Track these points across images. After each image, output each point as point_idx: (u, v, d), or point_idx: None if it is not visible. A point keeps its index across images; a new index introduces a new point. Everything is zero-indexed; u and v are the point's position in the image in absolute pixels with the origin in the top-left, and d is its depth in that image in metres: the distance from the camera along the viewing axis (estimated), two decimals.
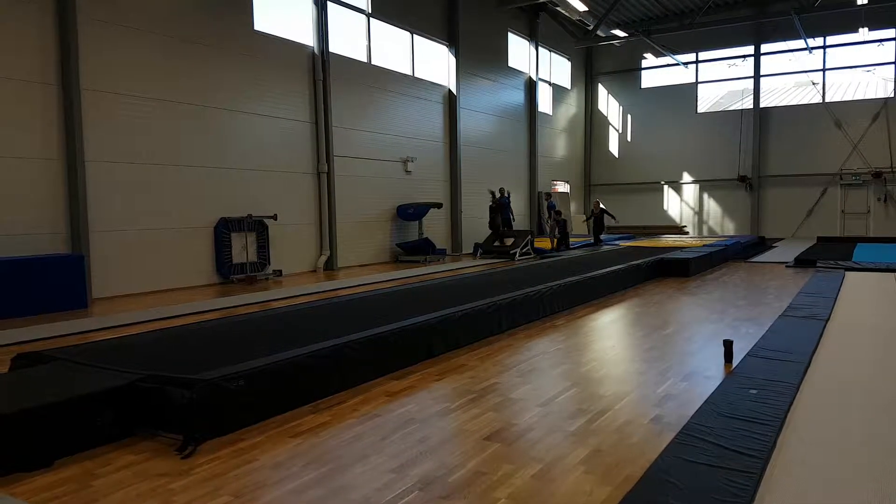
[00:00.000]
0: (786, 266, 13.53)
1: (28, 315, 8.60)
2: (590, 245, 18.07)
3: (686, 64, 24.36)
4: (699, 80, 24.57)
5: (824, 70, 22.35)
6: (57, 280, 8.95)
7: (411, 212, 16.45)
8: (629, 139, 26.13)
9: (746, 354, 5.38)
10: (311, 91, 14.06)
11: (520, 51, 22.00)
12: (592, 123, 26.98)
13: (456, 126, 18.51)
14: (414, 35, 17.21)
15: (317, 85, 14.06)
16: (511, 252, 16.21)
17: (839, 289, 9.29)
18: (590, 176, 27.05)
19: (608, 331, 7.06)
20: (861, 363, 5.21)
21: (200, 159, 11.78)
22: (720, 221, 24.40)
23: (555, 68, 24.43)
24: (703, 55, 24.27)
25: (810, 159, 22.48)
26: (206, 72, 11.81)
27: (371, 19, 15.66)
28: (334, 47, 14.49)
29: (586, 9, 21.24)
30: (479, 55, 19.64)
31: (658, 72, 25.45)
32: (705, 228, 24.71)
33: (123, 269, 10.59)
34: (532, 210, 22.98)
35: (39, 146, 9.51)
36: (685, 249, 14.75)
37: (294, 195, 13.74)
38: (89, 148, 10.03)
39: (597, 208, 19.08)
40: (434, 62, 18.09)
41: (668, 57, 23.60)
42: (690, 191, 25.01)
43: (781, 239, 21.83)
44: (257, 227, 12.71)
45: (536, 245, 17.34)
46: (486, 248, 16.92)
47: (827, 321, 6.83)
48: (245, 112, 12.58)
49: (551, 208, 18.59)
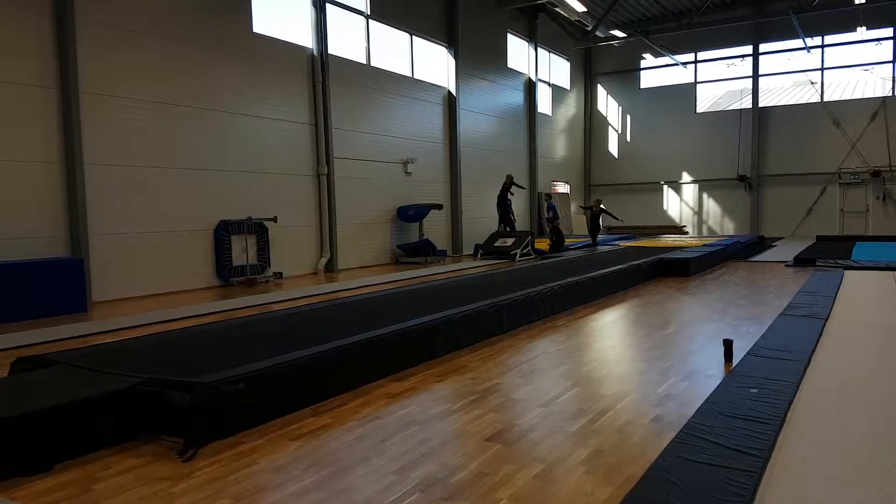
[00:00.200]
0: (785, 265, 13.53)
1: (28, 319, 8.59)
2: (587, 246, 18.05)
3: (685, 64, 24.38)
4: (698, 80, 24.59)
5: (823, 69, 22.37)
6: (57, 283, 8.95)
7: (411, 213, 16.45)
8: (628, 139, 26.15)
9: (746, 353, 5.38)
10: (311, 93, 14.06)
11: (519, 52, 22.02)
12: (592, 124, 26.99)
13: (456, 127, 18.52)
14: (413, 36, 17.22)
15: (316, 87, 14.07)
16: (511, 253, 16.21)
17: (838, 287, 9.29)
18: (589, 176, 27.06)
19: (609, 331, 7.06)
20: (860, 362, 5.21)
21: (200, 162, 11.78)
22: (720, 221, 24.41)
23: (554, 69, 24.45)
24: (702, 55, 24.29)
25: (809, 158, 22.50)
26: (206, 74, 11.82)
27: (370, 21, 15.67)
28: (333, 49, 14.50)
29: (585, 9, 21.27)
30: (479, 56, 19.65)
31: (657, 72, 25.47)
32: (705, 228, 24.72)
33: (123, 273, 10.59)
34: (532, 210, 22.99)
35: (38, 149, 9.51)
36: (685, 249, 14.75)
37: (294, 197, 13.74)
38: (88, 151, 10.04)
39: (597, 206, 19.03)
40: (433, 63, 18.10)
41: (667, 57, 23.61)
42: (690, 190, 25.02)
43: (781, 238, 21.84)
44: (257, 230, 12.70)
45: (537, 246, 17.34)
46: (487, 249, 16.92)
47: (826, 320, 6.83)
48: (244, 114, 12.59)
49: (551, 209, 18.57)
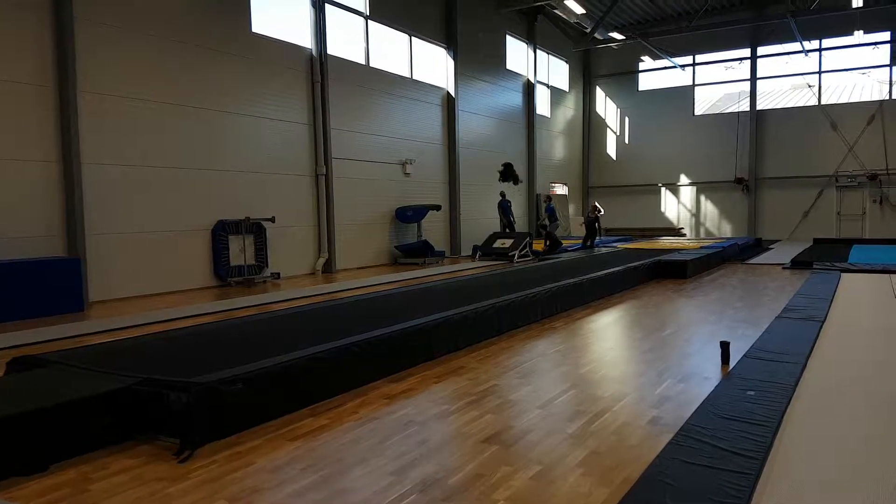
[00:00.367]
0: (782, 268, 13.56)
1: (24, 318, 8.57)
2: (580, 249, 17.91)
3: (683, 66, 24.43)
4: (696, 83, 24.65)
5: (820, 72, 22.44)
6: (54, 283, 8.93)
7: (410, 214, 16.46)
8: (627, 141, 26.19)
9: (743, 356, 5.39)
10: (310, 93, 14.06)
11: (518, 53, 22.05)
12: (590, 126, 27.02)
13: (454, 128, 18.53)
14: (412, 37, 17.23)
15: (315, 87, 14.07)
16: (510, 254, 16.22)
17: (835, 290, 9.31)
18: (588, 178, 27.10)
19: (606, 332, 7.07)
20: (857, 364, 5.23)
21: (198, 161, 11.77)
22: (717, 223, 24.45)
23: (553, 71, 24.49)
24: (700, 58, 24.35)
25: (806, 161, 22.55)
26: (204, 74, 11.81)
27: (369, 21, 15.68)
28: (332, 49, 14.50)
29: (584, 12, 21.31)
30: (478, 58, 19.67)
31: (655, 74, 25.53)
32: (702, 230, 24.76)
33: (121, 272, 10.57)
34: (530, 212, 23.01)
35: (36, 149, 9.49)
36: (682, 251, 14.78)
37: (292, 197, 13.73)
38: (86, 150, 10.02)
39: (594, 213, 18.93)
40: (432, 64, 18.11)
41: (666, 59, 23.67)
42: (688, 193, 25.06)
43: (778, 240, 21.89)
44: (255, 230, 12.69)
45: (535, 248, 17.34)
46: (485, 251, 16.93)
47: (823, 322, 6.84)
48: (243, 114, 12.58)
49: (549, 211, 18.59)
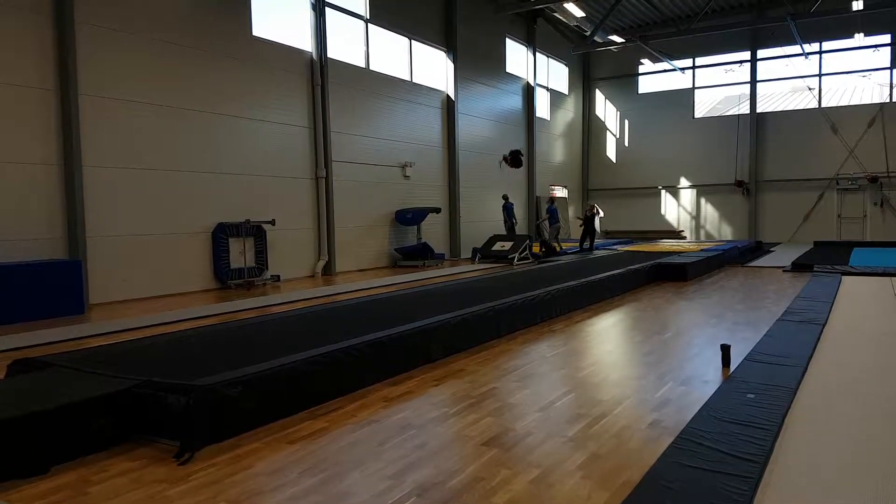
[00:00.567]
0: (783, 270, 13.55)
1: (25, 321, 8.57)
2: (578, 251, 17.85)
3: (683, 69, 24.46)
4: (696, 86, 24.67)
5: (820, 75, 22.46)
6: (54, 285, 8.93)
7: (410, 216, 16.46)
8: (627, 144, 26.20)
9: (744, 359, 5.38)
10: (310, 96, 14.08)
11: (517, 56, 22.07)
12: (590, 128, 27.04)
13: (454, 131, 18.55)
14: (412, 41, 17.25)
15: (315, 90, 14.09)
16: (509, 257, 16.22)
17: (836, 293, 9.31)
18: (587, 181, 27.11)
19: (606, 335, 7.06)
20: (858, 367, 5.22)
21: (198, 164, 11.78)
22: (717, 226, 24.45)
23: (552, 74, 24.51)
24: (700, 60, 24.38)
25: (807, 164, 22.56)
26: (205, 77, 11.83)
27: (369, 25, 15.71)
28: (332, 53, 14.53)
29: (584, 15, 21.35)
30: (477, 61, 19.70)
31: (655, 77, 25.55)
32: (703, 233, 24.76)
33: (121, 275, 10.57)
34: (530, 214, 23.01)
35: (37, 151, 9.51)
36: (683, 254, 14.77)
37: (292, 200, 13.74)
38: (87, 153, 10.03)
39: (590, 211, 18.92)
40: (432, 67, 18.14)
41: (666, 62, 23.69)
42: (688, 195, 25.06)
43: (778, 243, 21.88)
44: (255, 232, 12.69)
45: (535, 250, 17.33)
46: (485, 253, 16.93)
47: (824, 325, 6.84)
48: (243, 117, 12.60)
49: (550, 213, 18.64)
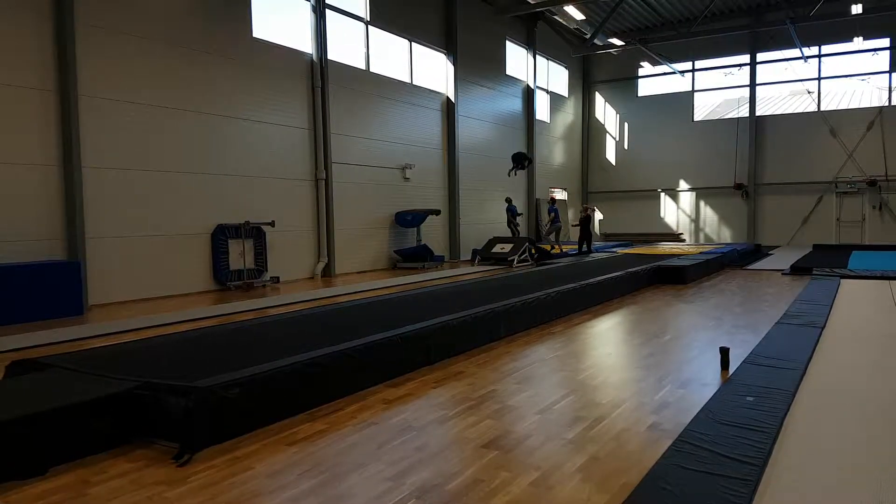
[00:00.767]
0: (782, 273, 13.56)
1: (24, 321, 8.57)
2: (577, 254, 17.81)
3: (682, 72, 24.49)
4: (695, 89, 24.71)
5: (819, 79, 22.50)
6: (53, 286, 8.93)
7: (409, 218, 16.46)
8: (626, 147, 26.23)
9: (743, 362, 5.38)
10: (310, 98, 14.09)
11: (517, 59, 22.10)
12: (590, 131, 27.07)
13: (454, 133, 18.56)
14: (412, 43, 17.28)
15: (315, 92, 14.10)
16: (509, 259, 16.23)
17: (835, 296, 9.31)
18: (587, 183, 27.13)
19: (606, 338, 7.06)
20: (857, 370, 5.23)
21: (198, 166, 11.79)
22: (717, 229, 24.47)
23: (552, 76, 24.54)
24: (700, 64, 24.42)
25: (806, 167, 22.59)
26: (205, 78, 11.83)
27: (369, 27, 15.73)
28: (333, 54, 14.54)
29: (584, 18, 21.39)
30: (477, 63, 19.72)
31: (655, 80, 25.59)
32: (702, 236, 24.77)
33: (120, 276, 10.57)
34: (530, 216, 23.02)
35: (37, 152, 9.51)
36: (682, 257, 14.78)
37: (292, 202, 13.74)
38: (87, 154, 10.04)
39: (584, 213, 18.94)
40: (432, 70, 18.16)
41: (665, 65, 23.72)
42: (687, 198, 25.08)
43: (777, 246, 21.90)
44: (255, 234, 12.70)
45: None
46: (485, 255, 16.94)
47: (823, 328, 6.84)
48: (243, 118, 12.61)
49: (552, 212, 18.71)
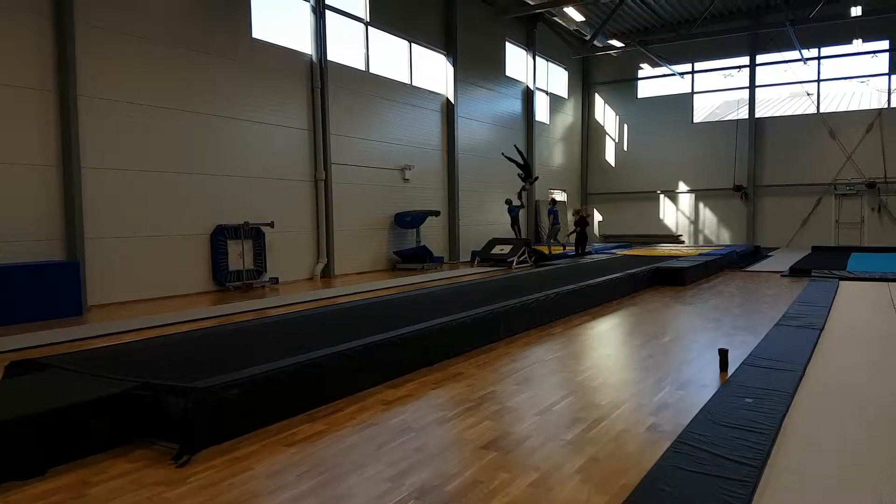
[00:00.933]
0: (781, 275, 13.57)
1: (23, 322, 8.56)
2: (573, 256, 17.81)
3: (682, 74, 24.52)
4: (695, 91, 24.73)
5: (819, 81, 22.52)
6: (52, 287, 8.92)
7: (409, 219, 16.46)
8: (625, 148, 26.25)
9: (742, 363, 5.39)
10: (309, 98, 14.10)
11: (517, 60, 22.12)
12: (589, 132, 27.09)
13: (453, 134, 18.57)
14: (412, 44, 17.29)
15: (314, 92, 14.10)
16: (508, 260, 16.23)
17: (834, 298, 9.32)
18: (586, 185, 27.14)
19: (605, 339, 7.07)
20: (855, 372, 5.23)
21: (197, 166, 11.78)
22: (716, 230, 24.49)
23: (552, 78, 24.56)
24: (699, 65, 24.44)
25: (805, 169, 22.61)
26: (204, 79, 11.84)
27: (369, 28, 15.74)
28: (332, 55, 14.55)
29: (583, 19, 21.40)
30: (477, 64, 19.74)
31: (654, 82, 25.61)
32: (701, 237, 24.79)
33: (119, 276, 10.56)
34: (529, 217, 23.03)
35: (36, 153, 9.50)
36: (681, 258, 14.79)
37: (291, 202, 13.74)
38: (86, 154, 10.03)
39: (576, 214, 18.95)
40: (432, 71, 18.17)
41: (665, 67, 23.74)
42: (686, 200, 25.10)
43: (776, 248, 21.92)
44: (254, 235, 12.69)
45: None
46: (484, 256, 16.94)
47: (822, 330, 6.85)
48: (243, 119, 12.61)
49: (552, 213, 18.74)
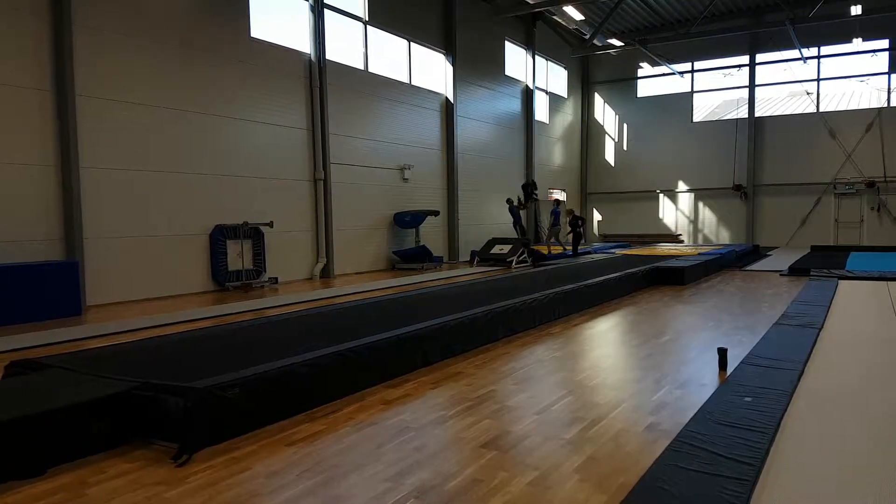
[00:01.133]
0: (780, 275, 13.58)
1: (22, 322, 8.56)
2: (568, 256, 17.83)
3: (682, 73, 24.52)
4: (695, 90, 24.73)
5: (819, 80, 22.53)
6: (51, 287, 8.92)
7: (408, 219, 16.46)
8: (625, 148, 26.25)
9: (741, 362, 5.39)
10: (308, 98, 14.09)
11: (517, 59, 22.12)
12: (589, 132, 27.09)
13: (453, 134, 18.57)
14: (411, 43, 17.28)
15: (314, 92, 14.10)
16: (507, 260, 16.24)
17: (833, 297, 9.33)
18: (586, 184, 27.15)
19: (604, 339, 7.07)
20: (854, 371, 5.24)
21: (196, 166, 11.78)
22: (715, 230, 24.50)
23: (551, 77, 24.56)
24: (699, 65, 24.44)
25: (804, 169, 22.62)
26: (203, 78, 11.83)
27: (368, 27, 15.73)
28: (331, 55, 14.54)
29: (583, 18, 21.41)
30: (476, 63, 19.73)
31: (654, 81, 25.61)
32: (700, 237, 24.80)
33: (118, 276, 10.56)
34: (528, 218, 23.02)
35: (35, 152, 9.50)
36: (680, 258, 14.80)
37: (290, 202, 13.74)
38: (85, 154, 10.03)
39: (569, 214, 18.97)
40: (431, 70, 18.17)
41: (664, 66, 23.75)
42: (686, 199, 25.11)
43: (776, 248, 21.93)
44: (253, 235, 12.69)
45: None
46: (483, 256, 16.95)
47: (820, 330, 6.85)
48: (241, 119, 12.60)
49: (554, 214, 18.76)
